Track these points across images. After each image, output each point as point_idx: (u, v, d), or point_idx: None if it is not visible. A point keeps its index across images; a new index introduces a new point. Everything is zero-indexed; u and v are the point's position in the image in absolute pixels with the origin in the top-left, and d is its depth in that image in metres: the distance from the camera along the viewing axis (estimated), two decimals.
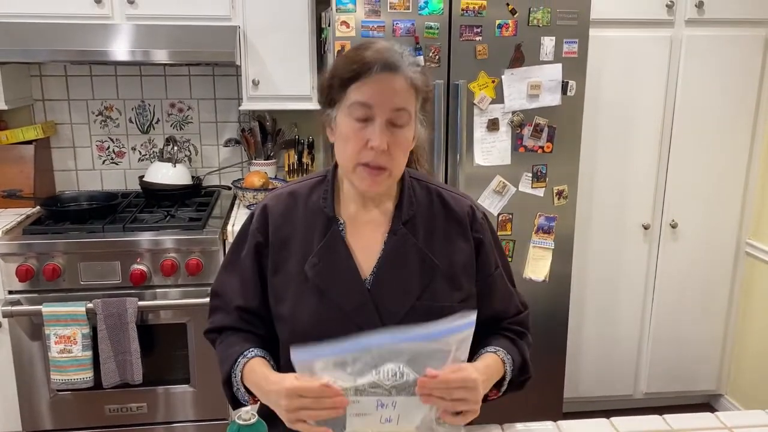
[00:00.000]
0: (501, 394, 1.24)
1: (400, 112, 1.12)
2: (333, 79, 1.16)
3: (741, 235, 2.86)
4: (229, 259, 1.31)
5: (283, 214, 1.24)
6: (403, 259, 1.20)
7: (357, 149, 1.12)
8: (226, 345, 1.25)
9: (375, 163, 1.12)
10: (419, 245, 1.21)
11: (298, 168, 2.91)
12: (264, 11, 2.59)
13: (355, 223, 1.23)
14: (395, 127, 1.12)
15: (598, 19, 2.47)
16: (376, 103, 1.10)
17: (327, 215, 1.22)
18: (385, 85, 1.11)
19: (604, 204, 2.76)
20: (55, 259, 2.30)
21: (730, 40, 2.65)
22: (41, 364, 2.36)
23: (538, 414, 2.71)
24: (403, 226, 1.21)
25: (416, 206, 1.24)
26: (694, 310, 2.92)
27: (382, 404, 1.02)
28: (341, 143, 1.16)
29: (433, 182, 1.30)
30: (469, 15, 2.29)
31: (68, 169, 2.96)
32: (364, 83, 1.11)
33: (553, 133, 2.42)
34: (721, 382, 3.03)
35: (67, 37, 2.44)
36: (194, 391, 2.47)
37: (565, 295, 2.59)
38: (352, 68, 1.12)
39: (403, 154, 1.16)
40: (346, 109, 1.13)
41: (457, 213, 1.25)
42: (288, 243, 1.23)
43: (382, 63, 1.10)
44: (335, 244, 1.20)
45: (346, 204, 1.24)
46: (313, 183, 1.28)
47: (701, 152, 2.75)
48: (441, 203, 1.26)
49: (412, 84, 1.13)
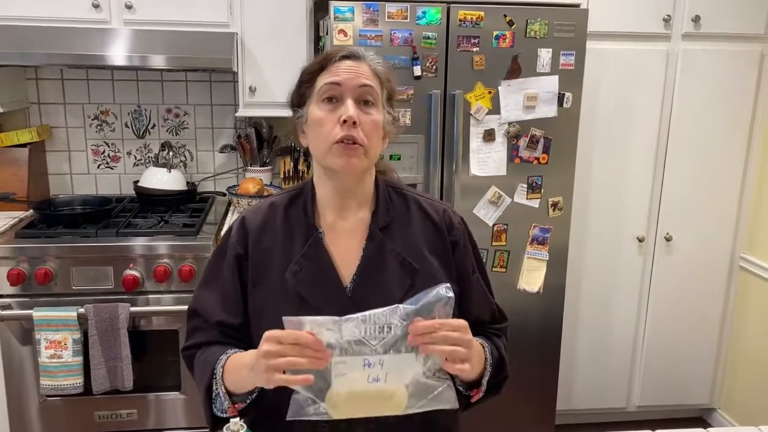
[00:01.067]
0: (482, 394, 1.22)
1: (368, 89, 1.17)
2: (302, 76, 1.23)
3: (735, 249, 2.86)
4: (207, 275, 1.29)
5: (262, 226, 1.25)
6: (382, 265, 1.21)
7: (330, 128, 1.15)
8: (206, 355, 1.21)
9: (349, 136, 1.14)
10: (397, 250, 1.22)
11: (294, 175, 2.91)
12: (262, 18, 2.59)
13: (333, 231, 1.24)
14: (365, 106, 1.17)
15: (595, 32, 2.48)
16: (344, 80, 1.16)
17: (307, 224, 1.23)
18: (350, 66, 1.17)
19: (599, 216, 2.76)
20: (47, 263, 2.28)
21: (725, 54, 2.66)
22: (31, 369, 2.33)
23: (531, 426, 2.71)
24: (380, 232, 1.22)
25: (393, 212, 1.25)
26: (688, 324, 2.92)
27: (368, 363, 1.00)
28: (315, 130, 1.18)
29: (409, 190, 1.32)
30: (466, 26, 2.30)
31: (63, 173, 2.95)
32: (329, 69, 1.18)
33: (549, 144, 2.43)
34: (714, 396, 3.03)
35: (65, 40, 2.43)
36: (185, 398, 2.45)
37: (559, 307, 2.59)
38: (318, 61, 1.20)
39: (375, 134, 1.18)
40: (317, 96, 1.18)
41: (434, 217, 1.27)
42: (268, 254, 1.22)
43: (345, 52, 1.19)
44: (316, 251, 1.21)
45: (323, 213, 1.25)
46: (291, 195, 1.29)
47: (696, 165, 2.76)
48: (418, 208, 1.28)
49: (375, 71, 1.20)
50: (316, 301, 1.17)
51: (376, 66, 1.21)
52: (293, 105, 1.26)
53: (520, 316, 2.47)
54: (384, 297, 1.17)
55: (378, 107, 1.19)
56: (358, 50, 1.22)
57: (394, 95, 1.26)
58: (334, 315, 1.07)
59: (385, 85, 1.23)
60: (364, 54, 1.21)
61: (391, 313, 1.01)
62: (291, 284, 1.18)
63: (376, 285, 1.20)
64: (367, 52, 1.22)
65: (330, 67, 1.18)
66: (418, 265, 1.21)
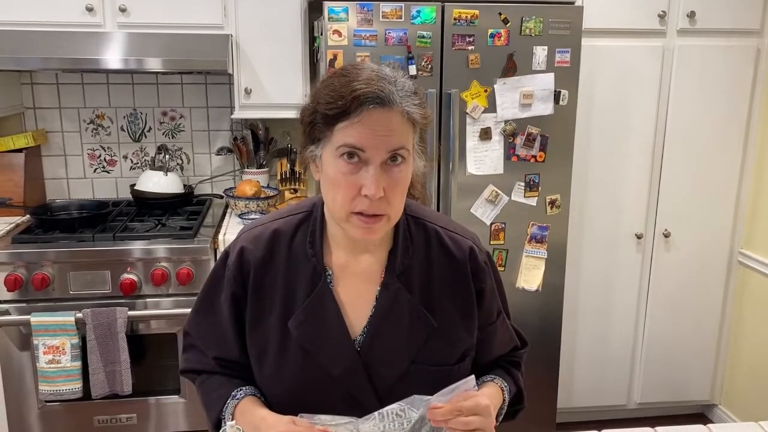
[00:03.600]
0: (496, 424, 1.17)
1: (398, 152, 0.97)
2: (315, 115, 1.00)
3: (734, 244, 2.86)
4: (202, 303, 1.19)
5: (264, 260, 1.10)
6: (397, 317, 1.08)
7: (349, 197, 0.97)
8: (210, 387, 1.16)
9: (370, 211, 0.97)
10: (414, 301, 1.09)
11: (291, 177, 2.90)
12: (257, 20, 2.59)
13: (344, 273, 1.10)
14: (392, 167, 0.98)
15: (590, 29, 2.48)
16: (369, 146, 0.95)
17: (314, 264, 1.08)
18: (378, 124, 0.95)
19: (597, 213, 2.76)
20: (44, 268, 2.27)
21: (721, 50, 2.66)
22: (29, 375, 2.33)
23: (532, 425, 2.70)
24: (397, 279, 1.08)
25: (412, 253, 1.10)
26: (687, 320, 2.91)
27: None
28: (330, 188, 1.00)
29: (432, 219, 1.16)
30: (461, 24, 2.29)
31: (59, 178, 2.94)
32: (352, 123, 0.95)
33: (545, 142, 2.42)
34: (714, 392, 3.02)
35: (59, 44, 2.43)
36: (185, 402, 2.44)
37: (558, 305, 2.59)
38: (338, 104, 0.95)
39: (401, 196, 1.01)
40: (334, 150, 0.98)
41: (458, 259, 1.12)
42: (269, 293, 1.10)
43: (372, 98, 0.95)
44: (323, 299, 1.08)
45: (335, 250, 1.10)
46: (297, 220, 1.13)
47: (694, 161, 2.75)
48: (440, 247, 1.12)
49: (410, 118, 0.99)
50: (321, 356, 1.07)
51: (410, 109, 0.98)
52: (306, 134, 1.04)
53: (519, 315, 2.45)
54: (397, 352, 1.09)
55: (408, 161, 1.00)
56: (389, 91, 0.96)
57: (427, 128, 1.06)
58: (340, 372, 1.06)
59: (419, 126, 1.02)
60: (395, 94, 0.97)
61: (408, 404, 1.00)
62: (294, 336, 1.08)
63: (389, 339, 1.08)
64: (396, 87, 0.97)
65: (354, 118, 0.95)
66: (436, 321, 1.10)
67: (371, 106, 0.95)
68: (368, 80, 0.96)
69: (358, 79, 0.96)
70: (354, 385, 1.07)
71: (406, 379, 1.08)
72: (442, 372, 1.09)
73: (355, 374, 1.07)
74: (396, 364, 1.08)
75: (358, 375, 1.07)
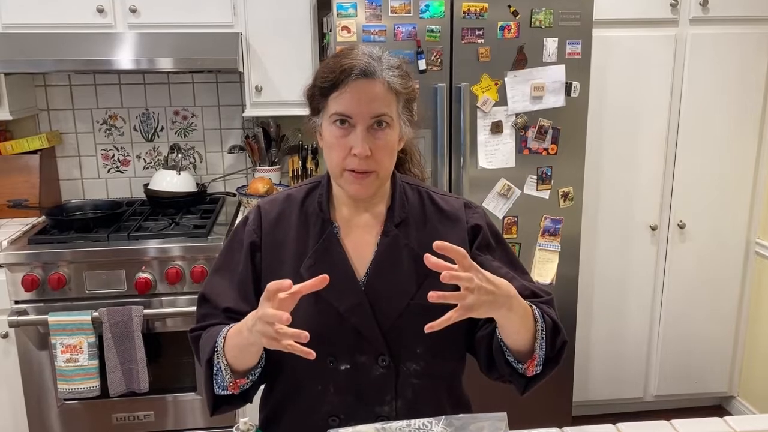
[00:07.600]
0: (539, 367, 1.18)
1: (380, 118, 1.14)
2: (314, 89, 1.19)
3: (750, 234, 2.83)
4: (221, 261, 1.29)
5: (278, 217, 1.25)
6: (396, 260, 1.21)
7: (342, 156, 1.15)
8: (210, 331, 1.20)
9: (360, 168, 1.14)
10: (411, 245, 1.22)
11: (303, 173, 2.91)
12: (266, 17, 2.59)
13: (348, 225, 1.24)
14: (377, 131, 1.14)
15: (601, 19, 2.46)
16: (354, 112, 1.13)
17: (322, 218, 1.23)
18: (362, 92, 1.12)
19: (611, 205, 2.74)
20: (60, 268, 2.30)
21: (735, 38, 2.63)
22: (48, 374, 2.36)
23: (547, 418, 2.69)
24: (395, 228, 1.23)
25: (408, 208, 1.25)
26: (703, 311, 2.89)
27: None
28: (327, 150, 1.18)
29: (424, 186, 1.32)
30: (470, 17, 2.28)
31: (73, 178, 2.97)
32: (341, 93, 1.13)
33: (557, 134, 2.41)
34: (732, 383, 3.00)
35: (71, 46, 2.45)
36: (201, 398, 2.46)
37: (573, 298, 2.57)
38: (330, 78, 1.14)
39: (388, 156, 1.18)
40: (328, 117, 1.16)
41: (449, 211, 1.27)
42: (281, 246, 1.23)
43: (358, 70, 1.12)
44: (331, 246, 1.21)
45: (339, 208, 1.26)
46: (308, 188, 1.29)
47: (708, 151, 2.73)
48: (432, 204, 1.28)
49: (391, 88, 1.15)
50: (331, 295, 1.16)
51: (391, 79, 1.15)
52: (309, 107, 1.23)
53: None
54: (397, 291, 1.20)
55: (392, 126, 1.17)
56: (372, 65, 1.14)
57: (412, 99, 1.22)
58: (347, 308, 1.16)
59: (402, 96, 1.18)
60: (378, 67, 1.14)
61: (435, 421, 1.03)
62: (306, 278, 1.13)
63: (390, 279, 1.20)
64: (381, 63, 1.15)
65: (341, 88, 1.13)
66: None
67: (356, 77, 1.12)
68: (355, 56, 1.14)
69: (347, 57, 1.14)
70: (360, 321, 1.18)
71: (408, 315, 1.18)
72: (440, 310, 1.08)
73: (361, 309, 1.18)
74: (397, 301, 1.19)
75: (364, 311, 1.18)
